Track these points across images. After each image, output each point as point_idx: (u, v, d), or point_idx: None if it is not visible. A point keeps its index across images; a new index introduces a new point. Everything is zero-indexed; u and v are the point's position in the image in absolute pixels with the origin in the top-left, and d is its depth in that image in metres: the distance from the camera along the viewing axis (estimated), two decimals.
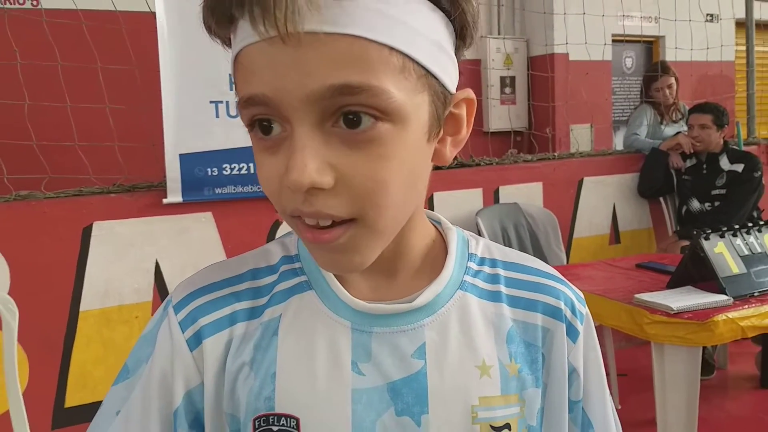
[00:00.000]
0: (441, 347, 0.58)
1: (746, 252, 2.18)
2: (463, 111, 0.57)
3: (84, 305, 2.45)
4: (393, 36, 0.47)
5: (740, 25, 5.69)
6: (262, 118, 0.49)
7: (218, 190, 2.60)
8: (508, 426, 0.59)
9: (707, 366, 2.99)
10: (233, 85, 0.54)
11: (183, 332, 0.58)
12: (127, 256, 2.51)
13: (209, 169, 2.58)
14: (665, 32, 5.22)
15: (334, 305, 0.59)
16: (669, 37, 5.20)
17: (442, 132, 0.55)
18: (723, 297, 2.04)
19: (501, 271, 0.64)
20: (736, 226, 2.22)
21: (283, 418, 0.56)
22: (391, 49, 0.47)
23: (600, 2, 4.22)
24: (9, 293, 2.22)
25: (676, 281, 2.24)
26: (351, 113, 0.47)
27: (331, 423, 0.56)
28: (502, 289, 0.63)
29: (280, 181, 0.49)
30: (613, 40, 4.80)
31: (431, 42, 0.50)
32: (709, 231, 2.16)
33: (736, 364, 3.28)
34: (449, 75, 0.53)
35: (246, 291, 0.60)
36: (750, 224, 2.25)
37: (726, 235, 2.18)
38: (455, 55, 0.55)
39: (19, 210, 2.36)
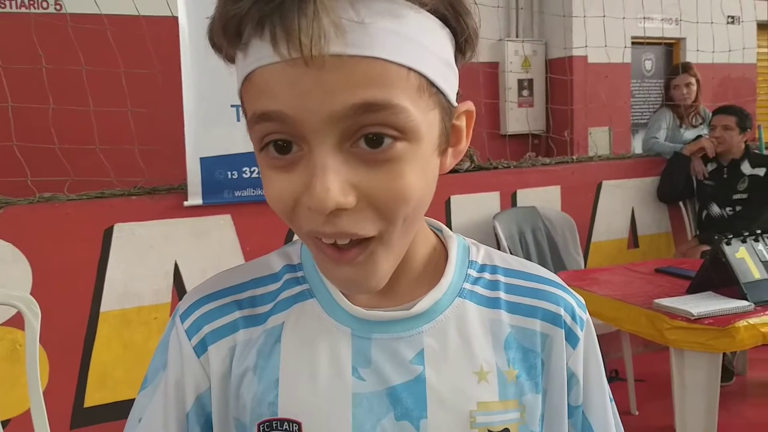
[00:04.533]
0: (439, 353, 0.59)
1: None
2: (463, 123, 0.58)
3: (104, 306, 2.47)
4: (411, 56, 0.48)
5: (762, 27, 5.64)
6: (277, 138, 0.49)
7: (237, 193, 2.62)
8: (507, 431, 0.60)
9: (726, 372, 2.96)
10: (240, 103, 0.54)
11: (189, 340, 0.61)
12: (147, 257, 2.54)
13: (229, 173, 2.60)
14: (686, 34, 5.17)
15: (334, 313, 0.60)
16: (690, 39, 5.16)
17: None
18: (744, 303, 2.02)
19: (501, 278, 0.64)
20: (759, 231, 2.20)
21: (285, 423, 0.58)
22: (410, 69, 0.49)
23: (620, 4, 4.20)
24: (31, 293, 2.25)
25: (696, 286, 2.22)
26: (372, 134, 0.48)
27: (333, 427, 0.58)
28: (502, 295, 0.63)
29: (294, 200, 0.50)
30: (633, 43, 4.77)
31: (441, 59, 0.52)
32: (731, 236, 2.13)
33: (755, 371, 3.24)
34: (453, 89, 0.55)
35: (247, 299, 0.62)
36: None
37: (748, 240, 2.15)
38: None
39: (42, 212, 2.39)
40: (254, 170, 2.63)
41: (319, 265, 0.58)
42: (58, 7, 3.47)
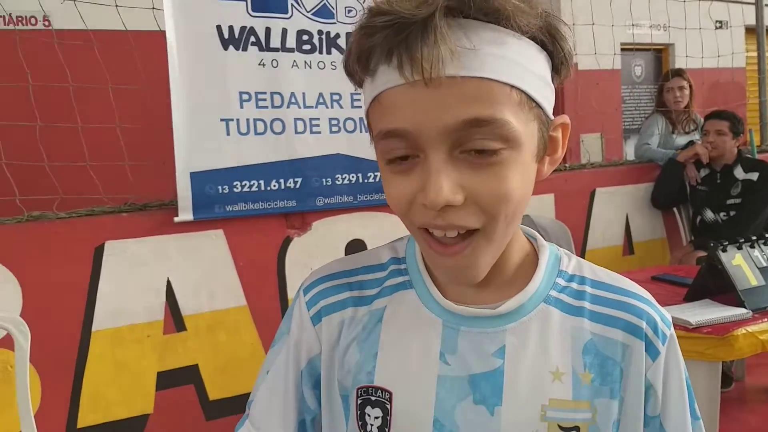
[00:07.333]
0: (519, 351, 0.65)
1: (764, 263, 2.15)
2: (559, 134, 0.66)
3: (96, 325, 2.43)
4: (512, 76, 0.57)
5: (750, 31, 5.67)
6: (400, 155, 0.59)
7: (229, 208, 2.59)
8: (577, 428, 0.65)
9: (725, 378, 2.94)
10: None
11: (308, 310, 0.73)
12: (139, 274, 2.50)
13: (220, 187, 2.57)
14: (675, 40, 5.20)
15: (429, 304, 0.69)
16: (679, 45, 5.18)
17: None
18: (742, 310, 2.01)
19: (588, 289, 0.70)
20: (754, 237, 2.19)
21: (379, 390, 0.68)
22: (512, 87, 0.57)
23: (608, 11, 4.21)
24: (21, 314, 2.22)
25: (693, 294, 2.20)
26: (480, 144, 0.56)
27: (419, 400, 0.66)
28: (586, 305, 0.68)
29: (411, 198, 0.59)
30: (623, 49, 4.78)
31: (539, 78, 0.60)
32: (726, 242, 2.12)
33: (754, 376, 3.22)
34: (550, 104, 0.63)
35: (357, 283, 0.73)
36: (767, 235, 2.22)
37: (743, 246, 2.14)
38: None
39: (31, 231, 2.36)
40: (245, 184, 2.61)
41: (427, 257, 0.67)
42: (46, 23, 3.45)
